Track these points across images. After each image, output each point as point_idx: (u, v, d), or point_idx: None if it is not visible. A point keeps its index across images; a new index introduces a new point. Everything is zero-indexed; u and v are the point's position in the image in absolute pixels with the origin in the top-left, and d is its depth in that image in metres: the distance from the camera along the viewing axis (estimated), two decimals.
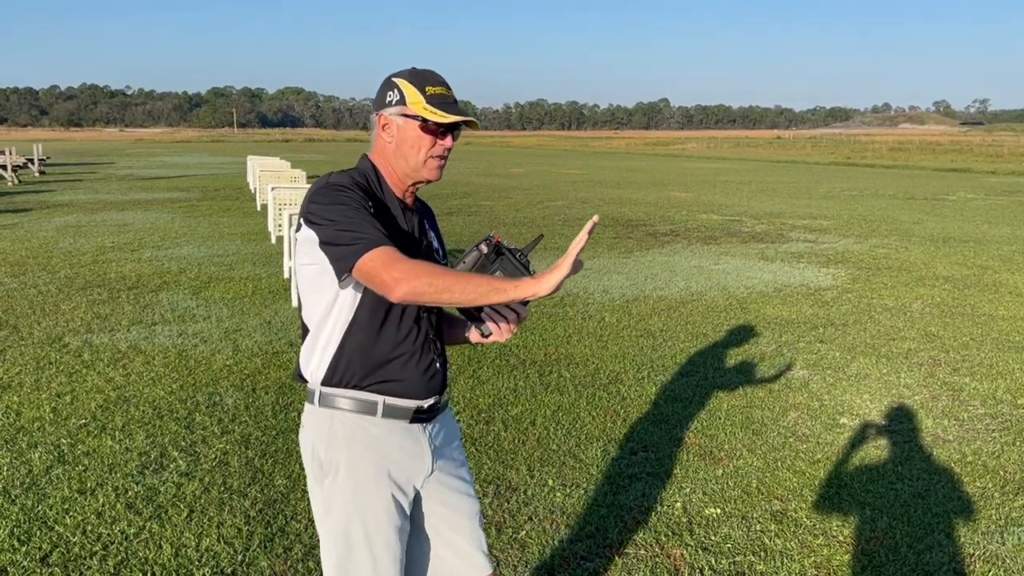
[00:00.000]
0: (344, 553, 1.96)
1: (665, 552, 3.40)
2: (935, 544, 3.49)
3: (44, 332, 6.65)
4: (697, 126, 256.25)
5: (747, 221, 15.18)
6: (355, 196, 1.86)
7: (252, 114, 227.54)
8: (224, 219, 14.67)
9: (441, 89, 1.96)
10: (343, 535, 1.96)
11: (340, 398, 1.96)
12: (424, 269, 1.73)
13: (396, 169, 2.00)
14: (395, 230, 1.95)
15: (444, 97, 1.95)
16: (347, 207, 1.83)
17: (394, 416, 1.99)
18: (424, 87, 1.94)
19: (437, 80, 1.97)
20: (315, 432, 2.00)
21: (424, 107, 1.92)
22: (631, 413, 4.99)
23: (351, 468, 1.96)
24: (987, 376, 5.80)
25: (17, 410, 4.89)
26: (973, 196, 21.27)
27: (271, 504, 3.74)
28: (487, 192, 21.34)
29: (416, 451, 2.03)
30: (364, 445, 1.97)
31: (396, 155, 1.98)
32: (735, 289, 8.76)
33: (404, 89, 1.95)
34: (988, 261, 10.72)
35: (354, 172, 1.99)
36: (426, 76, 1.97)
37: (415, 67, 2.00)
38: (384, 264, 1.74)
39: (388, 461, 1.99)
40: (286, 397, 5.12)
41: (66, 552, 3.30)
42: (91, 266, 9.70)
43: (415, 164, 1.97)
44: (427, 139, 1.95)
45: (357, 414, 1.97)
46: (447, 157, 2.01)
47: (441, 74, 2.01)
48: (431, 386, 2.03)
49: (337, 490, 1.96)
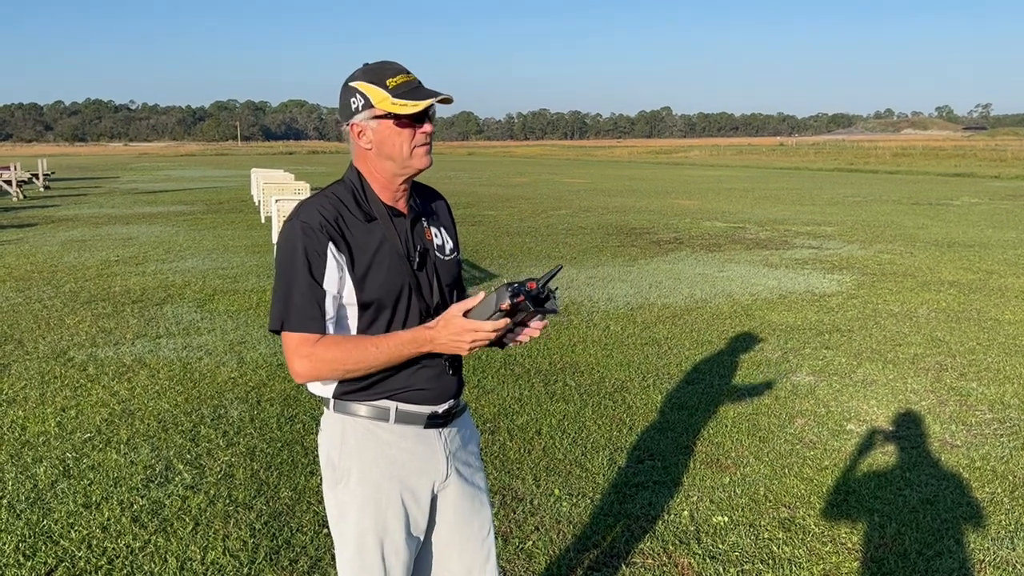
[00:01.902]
0: (355, 559, 1.98)
1: (673, 561, 3.38)
2: (944, 550, 3.47)
3: (49, 346, 6.66)
4: (700, 134, 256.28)
5: (751, 228, 15.16)
6: (301, 258, 1.84)
7: (256, 127, 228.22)
8: (228, 232, 14.70)
9: (401, 77, 1.88)
10: (355, 541, 1.97)
11: (353, 404, 1.97)
12: (328, 357, 1.85)
13: (382, 172, 1.94)
14: (372, 250, 1.90)
15: (407, 83, 1.87)
16: (290, 267, 1.86)
17: (407, 422, 1.98)
18: (384, 81, 1.87)
19: (394, 69, 1.89)
20: (329, 438, 2.01)
21: (392, 102, 1.85)
22: (637, 421, 4.97)
23: (363, 475, 1.97)
24: (994, 380, 5.77)
25: (22, 424, 4.89)
26: (977, 200, 21.23)
27: (277, 516, 3.72)
28: (491, 202, 21.36)
29: (431, 457, 2.02)
30: (375, 452, 1.97)
31: (379, 157, 1.92)
32: (740, 296, 8.74)
33: (366, 91, 1.88)
34: (994, 265, 10.69)
35: (329, 197, 1.93)
36: (382, 69, 1.89)
37: (366, 63, 1.93)
38: (292, 350, 1.86)
39: (400, 468, 1.98)
40: (291, 409, 5.11)
41: (71, 567, 3.29)
42: (96, 280, 9.72)
43: (402, 159, 1.91)
44: (406, 132, 1.89)
45: (369, 420, 1.97)
46: (431, 142, 1.95)
47: (396, 60, 1.93)
48: (444, 391, 2.01)
49: (349, 496, 1.98)
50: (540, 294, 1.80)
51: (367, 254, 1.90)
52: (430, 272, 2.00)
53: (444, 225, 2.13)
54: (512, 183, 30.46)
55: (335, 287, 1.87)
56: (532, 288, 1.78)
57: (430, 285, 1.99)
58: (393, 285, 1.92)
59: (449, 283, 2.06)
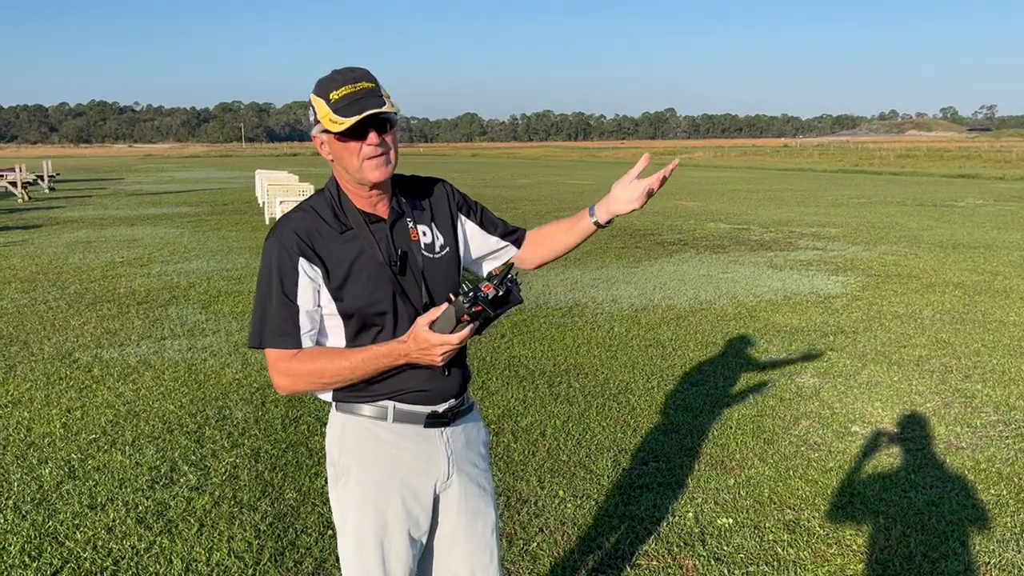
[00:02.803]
0: (356, 556, 1.98)
1: (677, 563, 3.37)
2: (950, 552, 3.46)
3: (54, 348, 6.68)
4: (704, 135, 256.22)
5: (755, 229, 15.15)
6: (275, 276, 1.87)
7: (260, 128, 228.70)
8: (233, 233, 14.72)
9: (345, 89, 1.80)
10: (355, 538, 1.98)
11: (353, 403, 1.98)
12: (304, 371, 1.88)
13: (349, 181, 1.92)
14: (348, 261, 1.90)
15: (348, 96, 1.80)
16: (266, 285, 1.89)
17: (406, 421, 1.98)
18: (328, 95, 1.81)
19: (342, 80, 1.82)
20: (331, 435, 2.03)
21: (331, 119, 1.80)
22: (641, 423, 4.97)
23: (362, 473, 1.97)
24: (999, 382, 5.76)
25: (28, 425, 4.90)
26: (982, 202, 21.19)
27: (281, 517, 3.73)
28: (494, 203, 21.36)
29: (432, 456, 2.01)
30: (375, 451, 1.97)
31: (339, 169, 1.91)
32: (744, 298, 8.73)
33: (315, 104, 1.85)
34: (998, 267, 10.66)
35: (306, 210, 1.93)
36: (331, 81, 1.83)
37: (333, 70, 1.87)
38: (272, 366, 1.91)
39: (400, 467, 1.98)
40: (295, 410, 5.12)
41: (77, 568, 3.30)
42: (101, 281, 9.74)
43: (355, 171, 1.87)
44: (352, 146, 1.83)
45: (369, 419, 1.97)
46: (387, 152, 1.87)
47: (357, 67, 1.87)
48: (444, 390, 2.00)
49: (348, 494, 1.99)
50: (499, 294, 1.75)
51: (343, 265, 1.89)
52: (416, 274, 1.96)
53: (438, 220, 2.07)
54: (516, 184, 30.46)
55: (311, 302, 1.89)
56: (488, 291, 1.74)
57: (417, 287, 1.95)
58: (375, 293, 1.90)
59: (442, 281, 2.00)
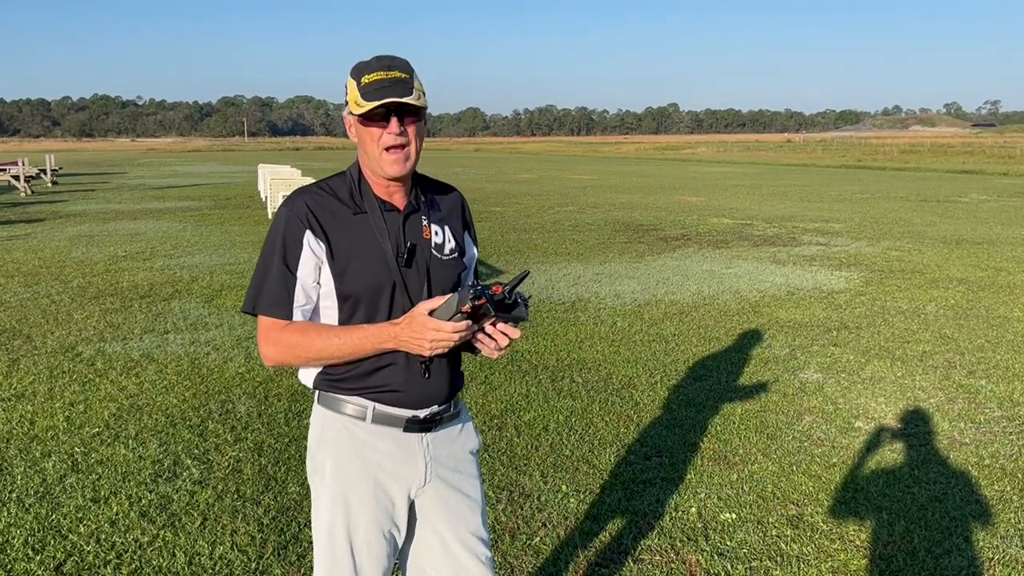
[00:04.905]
0: (326, 552, 1.98)
1: (680, 558, 3.37)
2: (953, 548, 3.45)
3: (57, 341, 6.68)
4: (707, 130, 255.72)
5: (758, 225, 15.13)
6: (279, 245, 1.88)
7: (263, 123, 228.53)
8: (235, 227, 14.72)
9: (377, 75, 1.81)
10: (326, 533, 1.97)
11: (334, 400, 1.97)
12: (292, 342, 1.87)
13: (369, 167, 1.93)
14: (355, 243, 1.89)
15: (378, 82, 1.80)
16: (270, 252, 1.89)
17: (385, 423, 1.96)
18: (361, 77, 1.82)
19: (377, 66, 1.83)
20: (311, 429, 2.03)
21: (356, 101, 1.82)
22: (644, 418, 4.97)
23: (336, 469, 1.96)
24: (1003, 378, 5.75)
25: (31, 419, 4.91)
26: (986, 198, 21.14)
27: (284, 511, 3.73)
28: (497, 198, 21.36)
29: (408, 461, 1.98)
30: (350, 449, 1.96)
31: (363, 153, 1.92)
32: (747, 293, 8.72)
33: (348, 86, 1.86)
34: (1002, 263, 10.64)
35: (323, 187, 1.94)
36: (367, 65, 1.84)
37: (375, 56, 1.87)
38: (262, 335, 1.91)
39: (375, 467, 1.96)
40: (298, 404, 5.12)
41: (80, 561, 3.30)
42: (103, 275, 9.74)
43: (375, 159, 1.88)
44: (374, 131, 1.85)
45: (347, 417, 1.96)
46: (407, 148, 1.87)
47: (397, 56, 1.86)
48: (427, 396, 1.96)
49: (324, 489, 1.98)
50: (506, 299, 1.73)
51: (349, 246, 1.89)
52: (420, 270, 1.94)
53: (451, 224, 2.05)
54: (519, 179, 30.44)
55: (311, 276, 1.88)
56: (497, 292, 1.72)
57: (419, 283, 1.93)
58: (375, 279, 1.89)
59: (445, 283, 1.98)
